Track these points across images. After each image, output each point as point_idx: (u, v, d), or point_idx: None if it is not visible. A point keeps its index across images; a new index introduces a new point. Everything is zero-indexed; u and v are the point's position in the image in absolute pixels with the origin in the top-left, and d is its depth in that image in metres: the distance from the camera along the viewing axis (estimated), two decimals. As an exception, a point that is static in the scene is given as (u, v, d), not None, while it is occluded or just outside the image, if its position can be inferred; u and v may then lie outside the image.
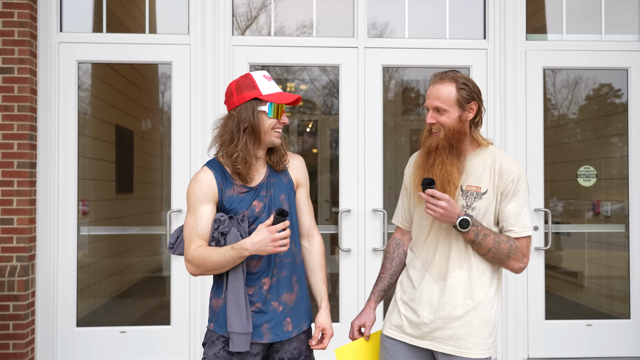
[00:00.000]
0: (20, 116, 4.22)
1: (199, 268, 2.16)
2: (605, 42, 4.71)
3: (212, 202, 2.20)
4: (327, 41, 4.56)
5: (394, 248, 2.47)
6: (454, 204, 2.13)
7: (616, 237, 4.87)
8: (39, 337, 4.36)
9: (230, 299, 2.16)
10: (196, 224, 2.19)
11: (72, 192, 4.43)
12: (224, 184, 2.21)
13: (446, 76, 2.21)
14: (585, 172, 4.79)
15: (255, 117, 2.18)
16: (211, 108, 4.44)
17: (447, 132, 2.19)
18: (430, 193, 2.12)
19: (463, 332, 2.19)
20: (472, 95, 2.20)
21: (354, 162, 4.53)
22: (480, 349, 2.20)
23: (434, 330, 2.23)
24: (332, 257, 4.99)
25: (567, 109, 5.04)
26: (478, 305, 2.20)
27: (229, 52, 4.48)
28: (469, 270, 2.21)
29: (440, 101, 2.18)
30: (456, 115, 2.19)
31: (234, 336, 2.14)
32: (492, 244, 2.15)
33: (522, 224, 2.19)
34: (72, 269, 4.42)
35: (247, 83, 2.22)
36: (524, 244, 2.20)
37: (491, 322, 2.22)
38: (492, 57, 4.58)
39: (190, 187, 2.22)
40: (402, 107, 6.67)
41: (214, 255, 2.12)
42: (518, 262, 2.19)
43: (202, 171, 2.25)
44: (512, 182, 2.19)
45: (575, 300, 5.04)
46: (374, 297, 2.44)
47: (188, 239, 2.20)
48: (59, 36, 4.44)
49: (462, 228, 2.12)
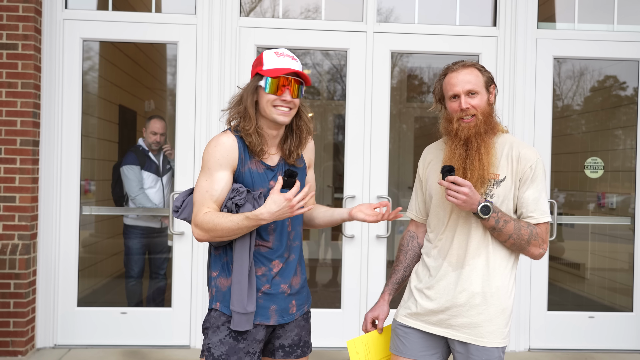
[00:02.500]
0: (24, 93, 4.16)
1: (207, 233, 2.10)
2: (617, 33, 4.66)
3: (230, 169, 2.13)
4: (336, 25, 4.50)
5: (408, 241, 2.46)
6: (474, 190, 2.12)
7: (621, 229, 4.85)
8: (40, 315, 4.34)
9: (234, 278, 2.13)
10: (211, 188, 2.11)
11: (75, 171, 4.39)
12: (244, 154, 2.16)
13: (466, 63, 2.25)
14: (593, 164, 4.76)
15: (256, 91, 2.17)
16: (217, 89, 4.39)
17: (484, 115, 2.20)
18: (452, 180, 2.09)
19: (480, 320, 2.18)
20: (491, 78, 2.25)
21: (360, 148, 4.50)
22: (497, 338, 2.19)
23: (450, 317, 2.22)
24: (334, 243, 4.97)
25: (572, 100, 5.01)
26: (495, 293, 2.19)
27: (236, 34, 4.42)
28: (487, 258, 2.21)
29: (472, 84, 2.20)
30: (486, 97, 2.23)
31: (235, 315, 2.12)
32: (513, 230, 2.15)
33: (542, 210, 2.19)
34: (73, 248, 4.39)
35: (258, 59, 2.21)
36: (544, 230, 2.20)
37: (508, 310, 2.22)
38: (502, 45, 4.53)
39: (211, 148, 2.13)
40: (406, 94, 6.62)
41: (226, 222, 2.06)
42: (538, 248, 2.20)
43: (225, 135, 2.17)
44: (530, 168, 2.18)
45: (578, 292, 5.04)
46: (388, 289, 2.43)
47: (200, 202, 2.13)
48: (64, 13, 4.37)
49: (483, 214, 2.12)
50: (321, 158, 5.16)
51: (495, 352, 2.19)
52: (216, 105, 4.38)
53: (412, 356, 2.29)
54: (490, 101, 2.24)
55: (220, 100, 4.38)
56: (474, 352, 2.19)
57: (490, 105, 2.24)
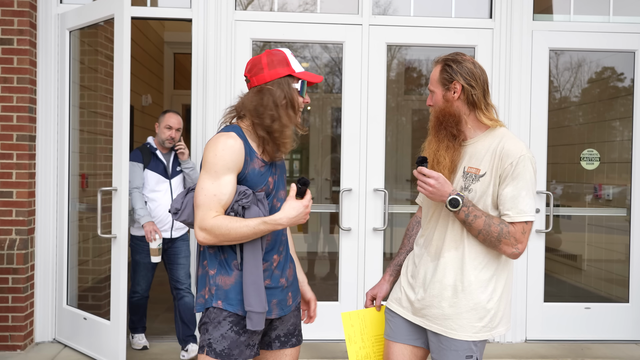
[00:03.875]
0: (20, 88, 4.17)
1: (217, 238, 2.08)
2: (613, 24, 4.65)
3: (236, 171, 2.12)
4: (331, 17, 4.50)
5: (414, 226, 2.53)
6: (443, 182, 2.14)
7: (617, 220, 4.87)
8: (38, 310, 4.36)
9: (248, 278, 2.12)
10: (219, 192, 2.08)
11: (72, 166, 4.40)
12: (249, 156, 2.15)
13: (441, 58, 2.29)
14: (589, 155, 4.77)
15: (292, 93, 2.18)
16: (212, 84, 4.39)
17: (434, 112, 2.27)
18: (419, 170, 2.16)
19: (450, 313, 2.20)
20: (453, 75, 2.22)
21: (356, 141, 4.50)
22: (467, 332, 2.19)
23: (424, 307, 2.26)
24: (331, 236, 4.98)
25: (569, 91, 5.00)
26: (467, 287, 2.19)
27: (231, 27, 4.42)
28: (463, 252, 2.21)
29: (430, 83, 2.30)
30: (440, 95, 2.26)
31: (253, 315, 2.11)
32: (482, 226, 2.13)
33: (519, 209, 2.14)
34: (71, 243, 4.40)
35: (280, 58, 2.18)
36: (519, 230, 2.14)
37: (481, 305, 2.19)
38: (497, 37, 4.53)
39: (218, 151, 2.09)
40: (404, 87, 6.61)
41: (241, 227, 2.06)
42: (510, 248, 2.15)
43: (231, 137, 2.12)
44: (511, 165, 2.14)
45: (574, 283, 5.05)
46: (389, 270, 2.51)
47: (206, 206, 2.09)
48: (58, 7, 4.37)
49: (452, 207, 2.14)
50: (320, 151, 5.17)
51: (465, 344, 2.19)
52: (211, 101, 4.38)
53: (399, 340, 2.35)
54: (450, 97, 2.23)
55: (216, 95, 4.38)
56: (444, 342, 2.21)
57: (450, 101, 2.23)
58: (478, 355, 2.23)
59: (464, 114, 2.24)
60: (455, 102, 2.23)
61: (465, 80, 2.21)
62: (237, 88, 4.37)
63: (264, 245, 2.16)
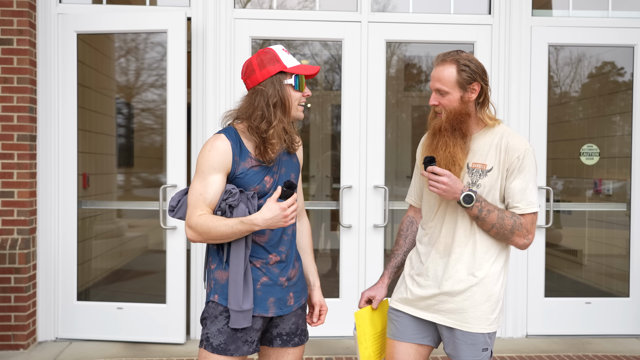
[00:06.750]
0: (20, 88, 4.17)
1: (201, 236, 2.14)
2: (612, 19, 4.65)
3: (224, 172, 2.16)
4: (330, 15, 4.50)
5: (408, 226, 2.52)
6: (455, 179, 2.16)
7: (617, 215, 4.87)
8: (41, 309, 4.38)
9: (230, 276, 2.16)
10: (205, 191, 2.15)
11: (72, 166, 4.41)
12: (239, 155, 2.18)
13: (448, 57, 2.23)
14: (589, 151, 4.77)
15: (283, 90, 2.17)
16: (212, 82, 4.39)
17: (449, 114, 2.22)
18: (430, 170, 2.16)
19: (465, 306, 2.23)
20: (473, 76, 2.20)
21: (356, 138, 4.51)
22: (482, 324, 2.23)
23: (437, 303, 2.28)
24: (332, 233, 5.00)
25: (569, 87, 5.01)
26: (481, 280, 2.23)
27: (230, 25, 4.42)
28: (474, 247, 2.25)
29: (441, 83, 2.21)
30: (457, 96, 2.21)
31: (231, 312, 2.15)
32: (496, 219, 2.18)
33: (528, 201, 2.21)
34: (72, 242, 4.42)
35: (269, 57, 2.18)
36: (529, 221, 2.22)
37: (494, 297, 2.25)
38: (497, 33, 4.53)
39: (205, 152, 2.16)
40: (404, 83, 6.62)
41: (220, 226, 2.10)
42: (522, 239, 2.22)
43: (219, 138, 2.18)
44: (518, 158, 2.20)
45: (575, 278, 5.06)
46: (387, 273, 2.50)
47: (193, 205, 2.16)
48: (58, 7, 4.37)
49: (465, 203, 2.16)
50: (320, 149, 5.18)
51: (481, 337, 2.24)
52: (211, 100, 4.39)
53: (405, 339, 2.35)
54: (468, 98, 2.22)
55: (216, 94, 4.39)
56: (459, 336, 2.24)
57: (467, 102, 2.22)
58: (491, 347, 2.29)
59: (472, 112, 2.27)
60: (471, 102, 2.24)
61: (484, 81, 2.24)
62: (237, 87, 4.38)
63: (248, 245, 2.18)
